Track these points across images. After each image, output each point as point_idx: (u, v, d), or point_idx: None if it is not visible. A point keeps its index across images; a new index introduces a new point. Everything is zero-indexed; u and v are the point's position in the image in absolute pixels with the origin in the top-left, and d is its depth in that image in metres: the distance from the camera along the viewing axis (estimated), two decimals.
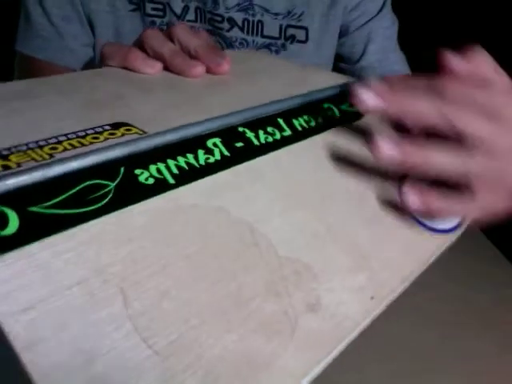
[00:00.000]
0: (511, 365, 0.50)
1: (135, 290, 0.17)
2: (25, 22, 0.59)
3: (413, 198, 0.26)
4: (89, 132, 0.23)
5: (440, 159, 0.25)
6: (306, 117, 0.31)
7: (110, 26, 0.55)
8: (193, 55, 0.33)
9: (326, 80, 0.35)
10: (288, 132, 0.29)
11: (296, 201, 0.25)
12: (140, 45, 0.33)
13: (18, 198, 0.18)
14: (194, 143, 0.24)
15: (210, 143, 0.25)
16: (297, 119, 0.30)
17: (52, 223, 0.18)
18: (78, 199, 0.19)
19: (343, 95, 0.33)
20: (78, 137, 0.22)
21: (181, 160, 0.23)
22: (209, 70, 0.33)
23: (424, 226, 0.28)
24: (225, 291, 0.19)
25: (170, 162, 0.23)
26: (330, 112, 0.32)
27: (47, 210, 0.18)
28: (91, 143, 0.22)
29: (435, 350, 0.52)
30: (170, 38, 0.33)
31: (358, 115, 0.32)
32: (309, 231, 0.24)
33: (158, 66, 0.32)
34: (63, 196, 0.19)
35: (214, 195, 0.23)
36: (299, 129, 0.30)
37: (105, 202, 0.19)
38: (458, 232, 0.30)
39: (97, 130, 0.23)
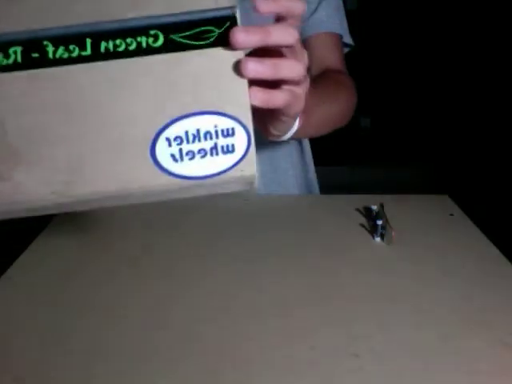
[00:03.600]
0: (511, 365, 0.50)
1: None
2: None
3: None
4: None
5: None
6: (118, 41, 0.31)
7: None
8: None
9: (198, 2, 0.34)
10: (88, 52, 0.31)
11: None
12: None
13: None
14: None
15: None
16: (106, 42, 0.31)
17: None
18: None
19: (186, 24, 0.32)
20: None
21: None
22: None
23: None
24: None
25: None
26: (152, 40, 0.32)
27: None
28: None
29: (435, 350, 0.52)
30: None
31: (185, 48, 0.32)
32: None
33: None
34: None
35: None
36: (102, 51, 0.31)
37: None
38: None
39: None
